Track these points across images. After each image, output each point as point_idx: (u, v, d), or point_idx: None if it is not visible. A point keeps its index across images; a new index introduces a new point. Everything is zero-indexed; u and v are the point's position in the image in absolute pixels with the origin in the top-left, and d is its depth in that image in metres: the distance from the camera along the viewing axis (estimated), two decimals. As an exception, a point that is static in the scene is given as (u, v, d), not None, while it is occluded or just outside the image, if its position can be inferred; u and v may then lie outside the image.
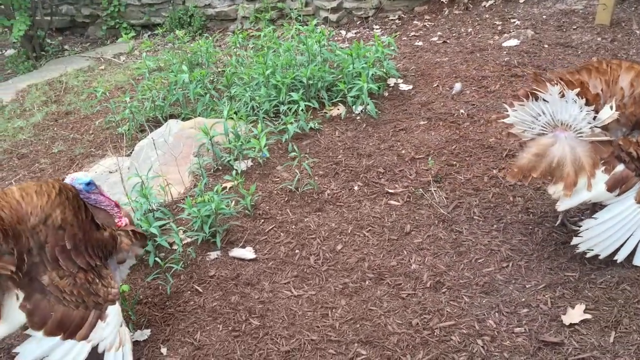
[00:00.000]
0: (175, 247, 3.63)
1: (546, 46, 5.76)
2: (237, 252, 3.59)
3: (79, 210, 2.70)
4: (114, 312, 2.70)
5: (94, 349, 2.64)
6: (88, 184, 2.77)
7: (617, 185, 2.90)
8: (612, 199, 2.95)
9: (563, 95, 2.84)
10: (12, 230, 2.50)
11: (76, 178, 2.77)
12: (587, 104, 2.84)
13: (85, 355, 2.61)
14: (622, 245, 3.01)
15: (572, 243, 3.07)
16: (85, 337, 2.61)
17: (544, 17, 6.51)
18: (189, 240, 3.72)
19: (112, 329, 2.68)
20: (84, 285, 2.61)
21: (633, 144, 2.87)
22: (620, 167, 2.89)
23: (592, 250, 3.04)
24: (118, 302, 2.74)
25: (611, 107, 2.81)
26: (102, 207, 2.86)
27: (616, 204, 2.97)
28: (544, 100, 2.92)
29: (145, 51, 6.69)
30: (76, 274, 2.60)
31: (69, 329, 2.58)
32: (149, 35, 8.44)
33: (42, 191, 2.63)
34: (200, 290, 3.35)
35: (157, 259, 3.48)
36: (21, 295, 2.55)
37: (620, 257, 3.03)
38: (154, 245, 3.60)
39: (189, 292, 3.36)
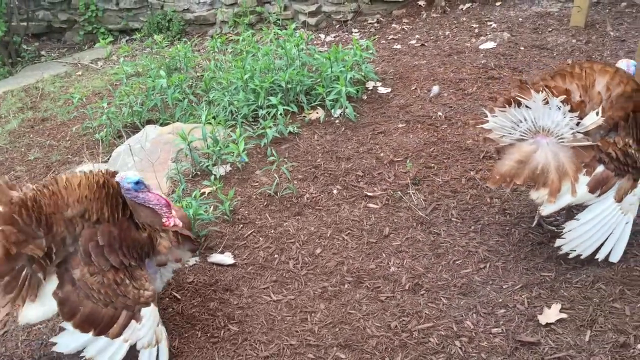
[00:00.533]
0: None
1: (522, 48, 5.82)
2: (215, 257, 3.57)
3: (116, 207, 2.72)
4: (148, 313, 2.72)
5: (132, 346, 2.69)
6: (137, 182, 2.75)
7: (598, 187, 2.94)
8: (593, 200, 2.99)
9: (547, 102, 2.86)
10: (47, 218, 2.56)
11: (125, 177, 2.76)
12: (571, 110, 2.87)
13: (123, 353, 2.67)
14: (602, 244, 3.05)
15: (555, 245, 3.09)
16: (118, 336, 2.64)
17: (520, 19, 6.58)
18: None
19: (147, 330, 2.71)
20: (111, 286, 2.62)
21: (611, 144, 2.91)
22: (600, 169, 2.93)
23: (575, 250, 3.07)
24: (153, 303, 2.74)
25: (597, 113, 2.85)
26: (151, 206, 2.81)
27: (597, 204, 3.01)
28: (526, 107, 2.94)
29: (123, 56, 6.63)
30: (106, 272, 2.63)
31: (99, 326, 2.62)
32: (127, 40, 8.38)
33: (85, 184, 2.68)
34: (179, 297, 3.33)
35: (134, 266, 3.44)
36: (56, 282, 2.61)
37: (601, 255, 3.07)
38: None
39: (168, 299, 3.33)
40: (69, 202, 2.63)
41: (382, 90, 5.40)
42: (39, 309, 2.63)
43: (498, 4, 7.08)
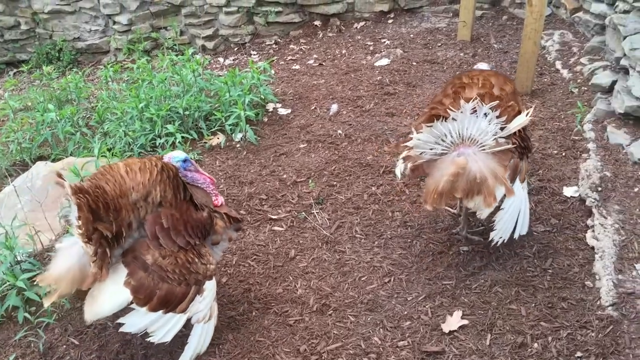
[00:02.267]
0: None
1: (414, 63, 6.04)
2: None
3: (177, 189, 2.81)
4: (210, 286, 2.83)
5: (188, 320, 2.79)
6: (184, 160, 2.84)
7: (515, 175, 3.10)
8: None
9: (475, 111, 2.96)
10: (114, 203, 2.63)
11: (173, 156, 2.85)
12: (499, 116, 3.00)
13: (181, 326, 2.77)
14: (516, 224, 3.15)
15: (489, 238, 3.14)
16: (184, 310, 2.75)
17: (412, 35, 6.83)
18: (62, 290, 3.48)
19: (207, 303, 2.82)
20: (185, 265, 2.72)
21: (514, 135, 3.10)
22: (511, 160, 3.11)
23: (502, 237, 3.12)
24: (215, 277, 2.86)
25: (527, 114, 3.04)
26: (199, 184, 2.91)
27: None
28: (452, 119, 2.98)
29: (10, 90, 6.27)
30: (177, 253, 2.72)
31: (172, 304, 2.71)
32: (14, 73, 7.94)
33: (145, 168, 2.75)
34: (77, 343, 3.14)
35: (26, 314, 3.23)
36: (125, 271, 2.66)
37: (516, 234, 3.17)
38: (23, 299, 3.34)
39: (65, 346, 3.13)
40: (132, 187, 2.69)
41: (283, 111, 5.42)
42: (108, 302, 2.64)
43: (390, 21, 7.33)
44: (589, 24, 5.82)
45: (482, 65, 3.43)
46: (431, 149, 3.04)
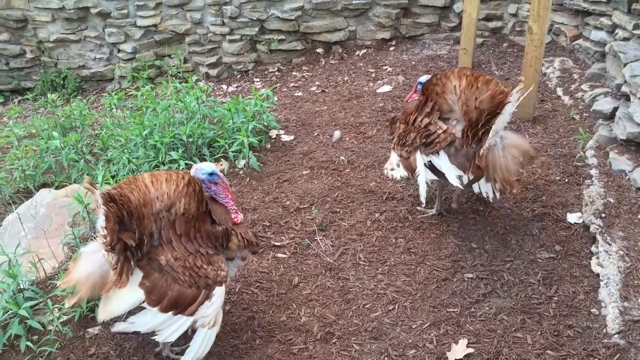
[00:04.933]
0: (50, 327, 3.36)
1: (416, 90, 6.08)
2: (119, 326, 3.35)
3: (201, 203, 2.87)
4: (219, 292, 2.89)
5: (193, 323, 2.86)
6: (211, 174, 2.91)
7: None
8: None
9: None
10: (137, 212, 2.70)
11: (200, 168, 2.93)
12: None
13: (186, 328, 2.84)
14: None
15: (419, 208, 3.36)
16: (192, 313, 2.81)
17: (413, 62, 6.90)
18: (65, 318, 3.47)
19: (214, 309, 2.87)
20: (194, 268, 2.79)
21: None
22: None
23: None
24: (225, 284, 2.91)
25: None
26: (220, 199, 2.99)
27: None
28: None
29: (14, 118, 6.32)
30: (188, 257, 2.80)
31: (181, 306, 2.78)
32: (18, 101, 8.01)
33: (171, 179, 2.82)
34: (79, 372, 3.11)
35: (28, 343, 3.20)
36: (140, 274, 2.75)
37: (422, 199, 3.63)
38: (25, 328, 3.32)
39: (66, 375, 3.11)
40: (157, 197, 2.76)
41: (286, 138, 5.44)
42: (123, 302, 2.74)
43: (392, 48, 7.41)
44: (589, 51, 5.88)
45: (424, 77, 3.72)
46: None
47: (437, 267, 3.56)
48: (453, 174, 3.49)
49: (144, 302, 2.76)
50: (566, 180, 4.23)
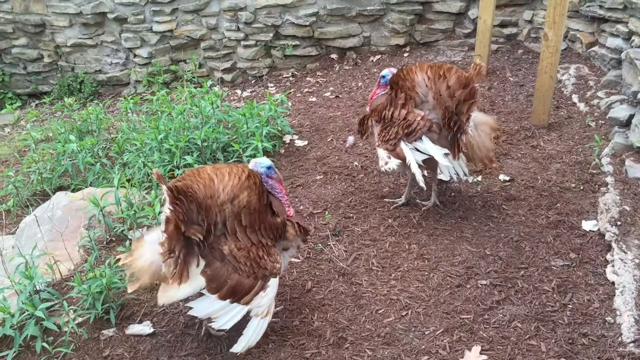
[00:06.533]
0: (65, 329, 3.40)
1: (430, 96, 6.07)
2: (134, 329, 3.41)
3: (262, 195, 2.99)
4: (274, 284, 3.02)
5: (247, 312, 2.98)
6: (269, 167, 3.05)
7: None
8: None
9: None
10: (204, 204, 2.81)
11: (259, 162, 3.06)
12: None
13: (241, 317, 2.95)
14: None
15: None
16: (248, 302, 2.93)
17: (427, 69, 6.88)
18: (80, 320, 3.50)
19: (268, 300, 3.00)
20: (255, 259, 2.91)
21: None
22: None
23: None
24: (279, 275, 3.04)
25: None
26: (275, 193, 3.11)
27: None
28: None
29: (32, 121, 6.40)
30: (250, 247, 2.91)
31: (239, 295, 2.90)
32: (36, 105, 8.11)
33: (234, 173, 2.93)
34: (94, 374, 3.14)
35: (44, 344, 3.24)
36: (202, 262, 2.86)
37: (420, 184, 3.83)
38: (41, 329, 3.35)
39: (81, 377, 3.14)
40: (221, 189, 2.86)
41: (299, 143, 5.46)
42: (185, 288, 2.83)
43: (406, 54, 7.41)
44: (605, 58, 5.84)
45: (387, 71, 4.10)
46: None
47: (451, 273, 3.56)
48: (440, 153, 3.78)
49: (203, 288, 2.86)
50: (581, 188, 4.20)
